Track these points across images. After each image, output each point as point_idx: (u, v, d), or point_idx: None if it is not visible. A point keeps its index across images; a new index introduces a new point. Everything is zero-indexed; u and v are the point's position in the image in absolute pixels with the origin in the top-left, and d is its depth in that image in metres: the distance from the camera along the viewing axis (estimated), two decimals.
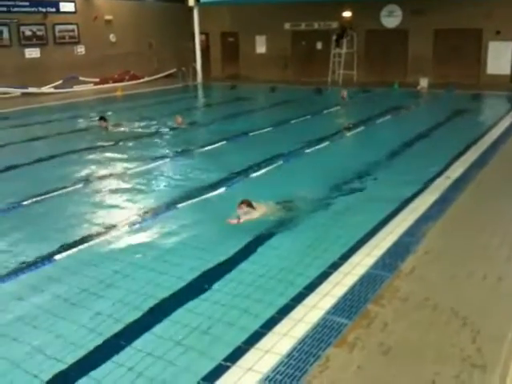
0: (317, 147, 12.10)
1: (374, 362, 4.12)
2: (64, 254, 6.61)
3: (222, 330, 4.81)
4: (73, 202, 8.82)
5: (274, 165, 10.61)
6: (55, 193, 9.16)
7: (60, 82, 24.19)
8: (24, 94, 22.78)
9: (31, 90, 23.01)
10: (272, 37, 27.37)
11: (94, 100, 22.07)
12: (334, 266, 5.82)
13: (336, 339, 4.39)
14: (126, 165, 11.05)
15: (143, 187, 9.56)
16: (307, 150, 11.77)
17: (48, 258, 6.53)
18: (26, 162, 11.23)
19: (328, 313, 4.80)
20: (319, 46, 26.37)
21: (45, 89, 23.59)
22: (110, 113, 17.51)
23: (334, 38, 24.93)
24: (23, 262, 6.44)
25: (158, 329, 4.89)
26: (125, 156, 11.89)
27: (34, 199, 8.81)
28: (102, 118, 14.92)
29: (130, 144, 13.16)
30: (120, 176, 10.25)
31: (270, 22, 26.60)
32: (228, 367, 4.17)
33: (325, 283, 5.42)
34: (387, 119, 15.67)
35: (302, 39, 26.72)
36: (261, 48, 28.10)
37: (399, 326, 4.60)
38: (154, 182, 9.92)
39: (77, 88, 24.58)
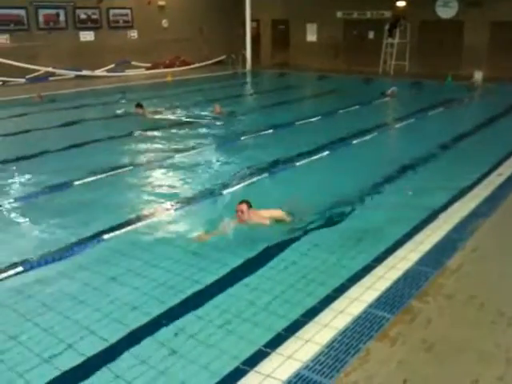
0: (364, 138, 11.97)
1: (415, 357, 4.08)
2: (111, 234, 6.81)
3: (263, 317, 4.85)
4: (111, 187, 9.01)
5: (319, 155, 10.54)
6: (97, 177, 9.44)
7: (112, 65, 24.64)
8: (77, 77, 23.34)
9: (85, 72, 23.55)
10: (323, 25, 27.09)
11: (142, 85, 22.37)
12: (378, 260, 5.76)
13: (377, 333, 4.36)
14: (153, 154, 10.99)
15: (178, 175, 9.57)
16: (354, 141, 11.65)
17: (96, 237, 6.74)
18: (68, 146, 11.50)
19: (370, 306, 4.77)
20: (371, 35, 25.94)
21: (98, 72, 24.08)
22: (155, 99, 17.81)
23: (387, 27, 24.48)
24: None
25: (200, 312, 4.97)
26: (155, 145, 11.87)
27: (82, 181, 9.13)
28: (139, 105, 14.88)
29: (163, 132, 13.08)
30: (148, 164, 10.23)
31: (321, 9, 26.32)
32: (268, 353, 4.21)
33: (368, 276, 5.38)
34: (438, 112, 15.32)
35: (353, 28, 26.34)
36: (311, 36, 27.86)
37: (443, 324, 4.54)
38: (185, 171, 9.82)
39: (128, 72, 24.99)
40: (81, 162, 10.34)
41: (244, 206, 6.68)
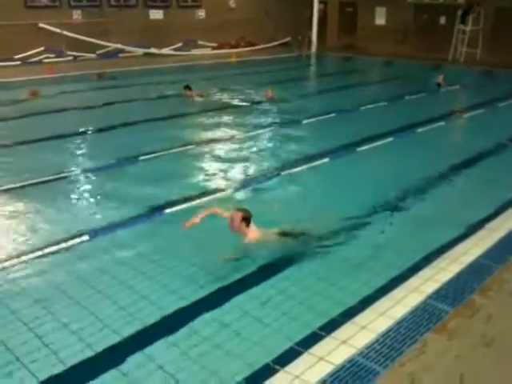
0: (431, 126, 11.63)
1: (474, 352, 3.99)
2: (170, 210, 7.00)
3: (318, 301, 4.85)
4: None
5: (384, 141, 10.35)
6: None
7: (180, 44, 24.90)
8: (146, 54, 23.75)
9: (153, 50, 23.93)
10: (393, 8, 26.34)
11: (206, 65, 22.45)
12: (440, 252, 5.64)
13: (435, 325, 4.29)
14: (191, 138, 10.87)
15: (220, 160, 9.46)
16: (420, 129, 11.36)
17: (159, 210, 6.94)
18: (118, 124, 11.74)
19: (429, 297, 4.68)
20: (442, 20, 25.02)
21: (165, 50, 24.41)
22: (215, 79, 18.04)
23: (460, 13, 23.52)
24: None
25: (255, 290, 5.05)
26: (197, 129, 11.71)
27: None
28: (187, 87, 14.71)
29: (207, 115, 12.92)
30: (187, 148, 10.12)
31: None
32: (323, 337, 4.22)
33: (428, 268, 5.28)
34: (509, 104, 14.66)
35: (424, 13, 25.49)
36: (380, 20, 27.15)
37: (505, 320, 4.41)
38: (225, 157, 9.69)
39: (195, 51, 25.20)
40: (137, 139, 10.61)
41: (237, 217, 5.80)
